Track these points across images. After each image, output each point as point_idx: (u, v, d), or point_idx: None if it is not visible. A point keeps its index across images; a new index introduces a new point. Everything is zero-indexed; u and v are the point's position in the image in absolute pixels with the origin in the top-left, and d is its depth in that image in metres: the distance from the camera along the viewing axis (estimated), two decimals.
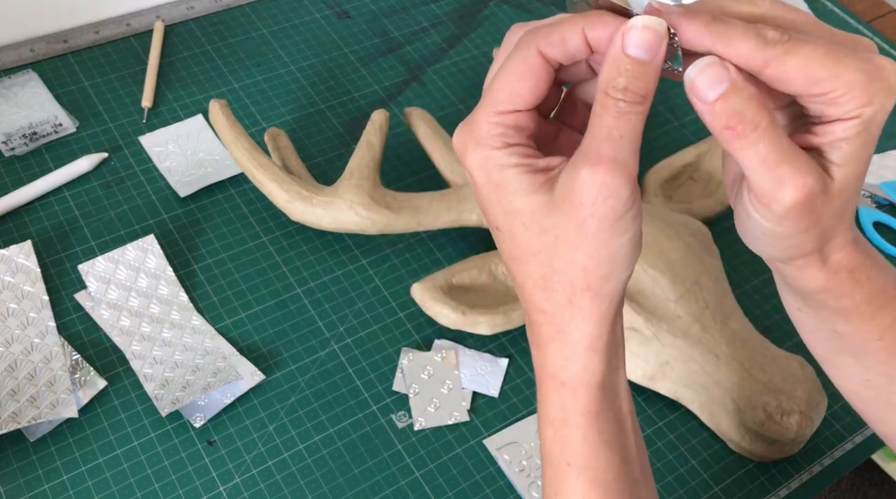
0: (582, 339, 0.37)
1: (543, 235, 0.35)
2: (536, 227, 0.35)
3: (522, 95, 0.35)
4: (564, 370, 0.37)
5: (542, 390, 0.39)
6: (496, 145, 0.36)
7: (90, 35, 0.81)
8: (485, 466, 0.59)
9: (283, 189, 0.64)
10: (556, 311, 0.37)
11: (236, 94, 0.79)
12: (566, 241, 0.35)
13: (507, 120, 0.36)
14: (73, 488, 0.55)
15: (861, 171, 0.36)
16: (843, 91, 0.33)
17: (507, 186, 0.35)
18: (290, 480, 0.57)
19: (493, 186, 0.36)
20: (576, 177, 0.34)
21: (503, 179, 0.36)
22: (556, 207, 0.35)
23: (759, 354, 0.59)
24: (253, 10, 0.87)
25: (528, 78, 0.35)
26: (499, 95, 0.35)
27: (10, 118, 0.73)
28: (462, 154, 0.37)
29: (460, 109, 0.80)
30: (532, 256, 0.36)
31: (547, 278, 0.36)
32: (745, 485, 0.60)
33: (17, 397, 0.56)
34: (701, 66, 0.33)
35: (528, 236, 0.36)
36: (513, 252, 0.37)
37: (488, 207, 0.37)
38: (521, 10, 0.91)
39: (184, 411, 0.58)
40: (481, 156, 0.36)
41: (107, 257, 0.64)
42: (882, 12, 1.03)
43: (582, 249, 0.35)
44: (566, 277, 0.36)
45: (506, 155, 0.36)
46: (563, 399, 0.38)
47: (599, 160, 0.33)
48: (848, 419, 0.64)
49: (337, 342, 0.64)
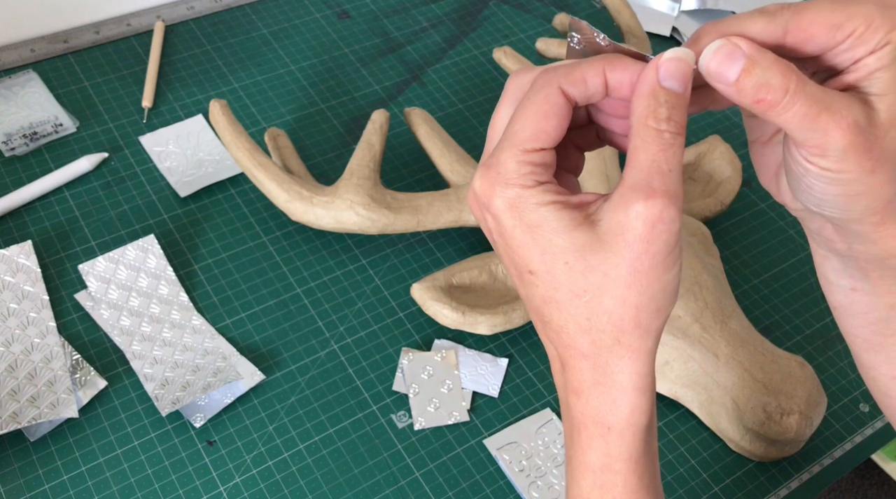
0: (629, 379, 0.35)
1: (590, 274, 0.34)
2: (581, 264, 0.34)
3: (548, 133, 0.35)
4: (612, 414, 0.36)
5: (580, 437, 0.37)
6: (527, 184, 0.35)
7: (90, 35, 0.81)
8: (485, 466, 0.59)
9: (283, 189, 0.65)
10: (600, 352, 0.35)
11: (236, 94, 0.79)
12: (617, 278, 0.33)
13: (535, 158, 0.35)
14: (73, 488, 0.55)
15: None
16: (866, 24, 0.34)
17: (545, 224, 0.34)
18: (290, 480, 0.57)
19: (526, 227, 0.34)
20: (627, 212, 0.33)
21: (540, 218, 0.34)
22: (605, 244, 0.33)
23: (759, 354, 0.59)
24: (253, 10, 0.87)
25: (552, 116, 0.35)
26: (524, 134, 0.35)
27: (11, 118, 0.73)
28: (488, 198, 0.35)
29: (460, 109, 0.80)
30: (576, 297, 0.35)
31: (593, 319, 0.35)
32: (745, 485, 0.60)
33: (18, 397, 0.56)
34: (713, 50, 0.34)
35: (572, 275, 0.34)
36: (552, 295, 0.35)
37: (521, 250, 0.35)
38: (520, 10, 0.91)
39: (184, 411, 0.58)
40: (512, 196, 0.35)
41: (107, 257, 0.64)
42: None
43: (634, 286, 0.34)
44: (616, 316, 0.34)
45: (539, 193, 0.34)
46: (607, 445, 0.36)
47: (653, 193, 0.33)
48: (848, 419, 0.64)
49: (337, 342, 0.64)
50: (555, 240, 0.34)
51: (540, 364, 0.64)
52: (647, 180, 0.33)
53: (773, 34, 0.35)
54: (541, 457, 0.58)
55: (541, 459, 0.58)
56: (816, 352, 0.67)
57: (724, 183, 0.72)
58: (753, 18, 0.35)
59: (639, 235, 0.33)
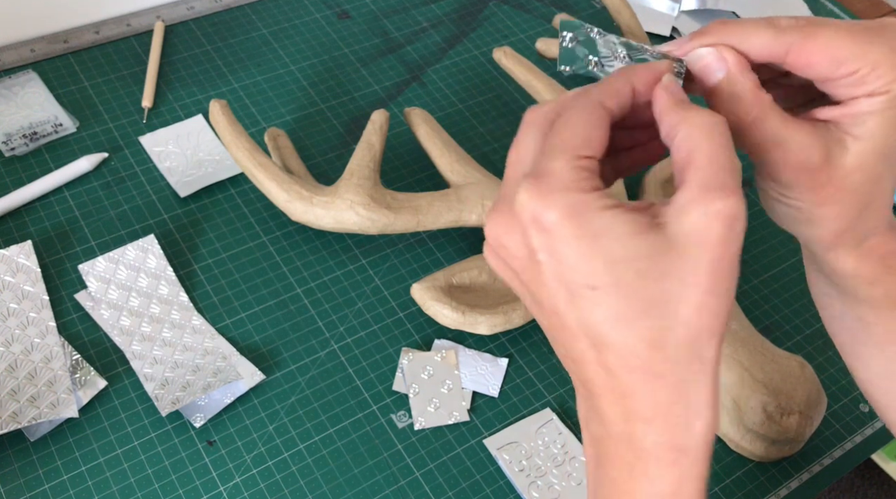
0: (702, 395, 0.32)
1: (664, 281, 0.31)
2: (655, 272, 0.31)
3: (599, 141, 0.33)
4: (687, 437, 0.32)
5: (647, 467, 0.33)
6: (587, 188, 0.32)
7: (90, 35, 0.81)
8: (485, 466, 0.59)
9: (283, 189, 0.65)
10: (676, 370, 0.32)
11: (236, 94, 0.79)
12: (696, 284, 0.31)
13: (589, 165, 0.33)
14: (73, 488, 0.55)
15: (886, 148, 0.35)
16: (870, 69, 0.33)
17: (612, 230, 0.31)
18: (290, 480, 0.57)
19: (590, 236, 0.31)
20: (705, 212, 0.31)
21: (604, 224, 0.31)
22: (679, 247, 0.31)
23: (759, 354, 0.59)
24: (253, 10, 0.87)
25: (599, 126, 0.33)
26: (576, 140, 0.33)
27: (10, 118, 0.73)
28: (539, 210, 0.32)
29: (460, 109, 0.80)
30: (649, 309, 0.31)
31: (668, 333, 0.31)
32: (745, 485, 0.60)
33: (18, 396, 0.56)
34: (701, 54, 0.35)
35: (645, 285, 0.31)
36: (619, 311, 0.31)
37: (581, 264, 0.31)
38: (520, 10, 0.91)
39: (184, 410, 0.58)
40: (572, 201, 0.31)
41: (107, 257, 0.64)
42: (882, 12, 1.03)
43: (714, 292, 0.31)
44: (694, 327, 0.31)
45: (600, 197, 0.32)
46: (681, 470, 0.33)
47: (729, 192, 0.31)
48: (848, 419, 0.64)
49: (337, 342, 0.64)
50: (623, 247, 0.31)
51: (540, 364, 0.64)
52: (719, 179, 0.31)
53: (774, 51, 0.34)
54: (541, 457, 0.58)
55: (541, 459, 0.58)
56: (816, 352, 0.67)
57: None
58: (761, 30, 0.34)
59: (719, 237, 0.31)
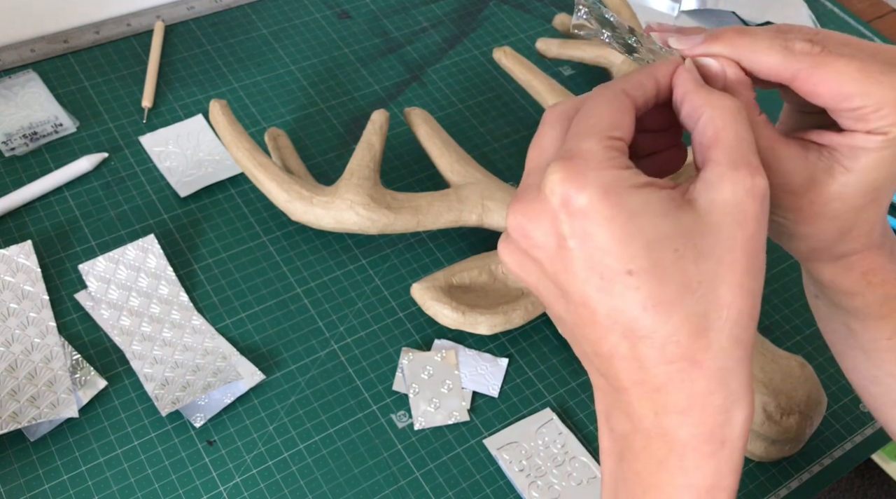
0: (742, 384, 0.31)
1: (702, 262, 0.30)
2: (692, 251, 0.30)
3: (627, 125, 0.33)
4: (726, 428, 0.31)
5: (683, 460, 0.32)
6: (622, 165, 0.31)
7: (90, 35, 0.81)
8: (485, 466, 0.59)
9: (283, 189, 0.65)
10: (717, 357, 0.30)
11: (236, 94, 0.79)
12: (733, 263, 0.30)
13: (619, 145, 0.32)
14: (73, 488, 0.55)
15: (877, 183, 0.35)
16: (874, 108, 0.33)
17: (649, 207, 0.30)
18: (290, 480, 0.57)
19: (627, 216, 0.30)
20: (735, 189, 0.30)
21: (642, 202, 0.30)
22: (713, 226, 0.30)
23: (759, 354, 0.59)
24: (253, 10, 0.87)
25: (625, 111, 0.33)
26: (604, 123, 0.32)
27: (10, 118, 0.73)
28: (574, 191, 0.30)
29: (460, 109, 0.80)
30: (689, 292, 0.30)
31: (710, 316, 0.30)
32: (745, 485, 0.60)
33: (17, 396, 0.56)
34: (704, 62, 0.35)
35: (684, 265, 0.30)
36: (658, 295, 0.30)
37: (618, 247, 0.30)
38: (520, 10, 0.91)
39: (184, 410, 0.58)
40: (608, 179, 0.30)
41: (107, 257, 0.64)
42: (882, 12, 1.03)
43: (751, 271, 0.30)
44: (735, 309, 0.30)
45: (634, 175, 0.31)
46: (718, 463, 0.32)
47: (757, 169, 0.31)
48: (848, 419, 0.64)
49: (337, 342, 0.64)
50: (661, 226, 0.30)
51: (540, 364, 0.64)
52: (745, 156, 0.31)
53: (781, 74, 0.34)
54: (541, 457, 0.58)
55: (541, 459, 0.58)
56: (816, 352, 0.67)
57: None
58: (773, 52, 0.34)
59: (752, 213, 0.30)
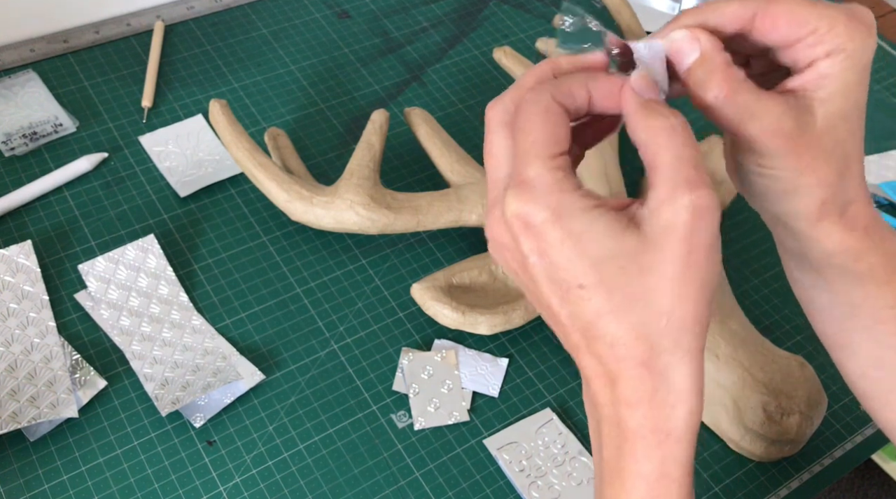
0: (686, 381, 0.34)
1: (646, 276, 0.33)
2: (636, 268, 0.33)
3: (563, 136, 0.35)
4: (671, 421, 0.35)
5: (634, 448, 0.35)
6: (568, 188, 0.34)
7: (90, 35, 0.81)
8: (485, 466, 0.59)
9: (283, 189, 0.65)
10: (660, 357, 0.34)
11: (236, 94, 0.79)
12: (674, 276, 0.33)
13: (562, 163, 0.34)
14: (73, 488, 0.55)
15: (850, 111, 0.37)
16: (828, 27, 0.35)
17: (595, 228, 0.33)
18: (290, 480, 0.57)
19: (576, 237, 0.33)
20: (674, 208, 0.33)
21: (588, 223, 0.33)
22: (656, 244, 0.33)
23: (759, 354, 0.59)
24: (253, 10, 0.87)
25: (559, 122, 0.35)
26: (542, 142, 0.34)
27: (10, 118, 0.73)
28: (528, 216, 0.34)
29: (460, 109, 0.80)
30: (634, 303, 0.33)
31: (652, 323, 0.34)
32: (745, 485, 0.60)
33: (17, 396, 0.56)
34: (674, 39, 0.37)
35: (628, 281, 0.33)
36: (608, 306, 0.34)
37: (570, 264, 0.34)
38: (520, 9, 0.91)
39: (184, 410, 0.58)
40: (555, 204, 0.33)
41: (107, 257, 0.64)
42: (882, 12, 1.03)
43: (692, 281, 0.33)
44: (676, 316, 0.33)
45: (581, 197, 0.34)
46: (664, 453, 0.35)
47: (695, 185, 0.33)
48: (848, 419, 0.64)
49: (337, 342, 0.64)
50: (607, 244, 0.33)
51: (540, 364, 0.64)
52: (683, 175, 0.33)
53: (742, 17, 0.36)
54: (541, 457, 0.58)
55: (541, 459, 0.58)
56: (816, 352, 0.67)
57: (724, 183, 0.72)
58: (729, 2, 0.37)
59: (690, 229, 0.33)
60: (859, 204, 0.40)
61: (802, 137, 0.36)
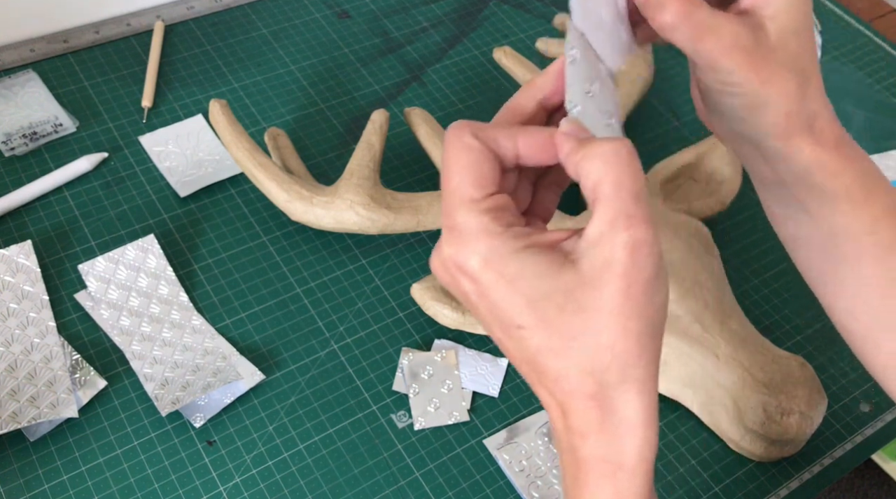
0: (638, 414, 0.34)
1: (586, 312, 0.33)
2: (574, 305, 0.33)
3: (488, 176, 0.35)
4: (622, 453, 0.34)
5: (587, 478, 0.35)
6: (496, 232, 0.34)
7: (90, 35, 0.81)
8: (485, 466, 0.59)
9: (283, 189, 0.65)
10: (607, 391, 0.34)
11: (236, 94, 0.79)
12: (613, 311, 0.33)
13: (490, 204, 0.34)
14: (73, 488, 0.55)
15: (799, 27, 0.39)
16: None
17: (527, 270, 0.33)
18: (290, 480, 0.57)
19: (508, 280, 0.33)
20: (612, 245, 0.32)
21: (520, 266, 0.33)
22: (593, 280, 0.33)
23: (759, 354, 0.59)
24: (253, 10, 0.87)
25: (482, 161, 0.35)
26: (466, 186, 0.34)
27: (10, 118, 0.73)
28: (461, 261, 0.34)
29: (460, 109, 0.80)
30: (574, 340, 0.33)
31: (595, 358, 0.33)
32: (745, 485, 0.60)
33: (17, 396, 0.56)
34: None
35: (566, 318, 0.33)
36: (549, 344, 0.34)
37: (506, 305, 0.34)
38: (520, 9, 0.91)
39: (184, 410, 0.58)
40: (485, 250, 0.33)
41: (107, 257, 0.64)
42: (882, 12, 1.03)
43: (632, 315, 0.33)
44: (619, 349, 0.33)
45: (511, 239, 0.34)
46: (617, 484, 0.34)
47: (635, 220, 0.33)
48: (848, 419, 0.64)
49: (337, 342, 0.64)
50: (541, 285, 0.33)
51: None
52: (623, 209, 0.33)
53: None
54: (541, 457, 0.58)
55: (541, 459, 0.58)
56: (816, 352, 0.67)
57: (724, 183, 0.72)
58: None
59: (627, 265, 0.32)
60: (824, 119, 0.41)
61: (758, 50, 0.38)
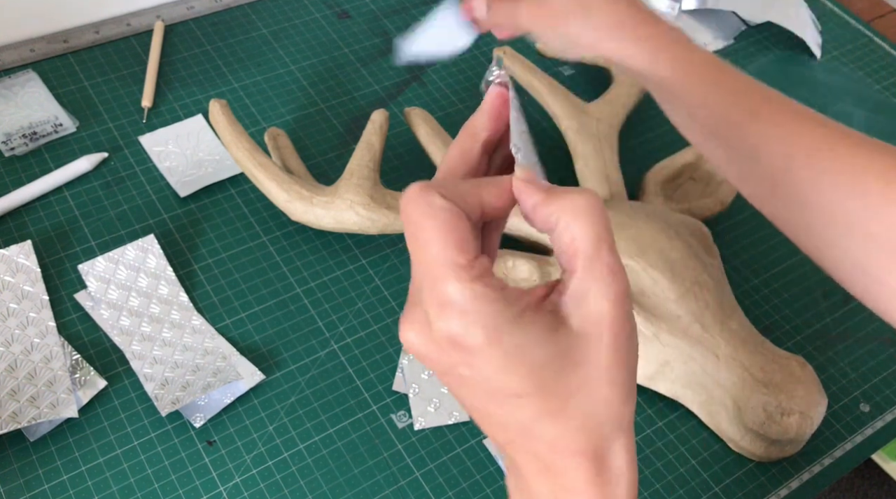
0: (624, 457, 0.34)
1: (580, 369, 0.32)
2: (570, 364, 0.32)
3: (469, 238, 0.32)
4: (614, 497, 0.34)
5: None
6: (493, 298, 0.31)
7: (90, 35, 0.81)
8: (485, 466, 0.59)
9: (283, 189, 0.65)
10: (601, 443, 0.33)
11: (236, 94, 0.79)
12: (604, 365, 0.32)
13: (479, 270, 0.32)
14: (72, 488, 0.55)
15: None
16: None
17: (527, 339, 0.32)
18: (290, 480, 0.57)
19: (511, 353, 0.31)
20: (599, 298, 0.32)
21: (522, 335, 0.32)
22: (587, 336, 0.32)
23: (759, 354, 0.59)
24: (253, 10, 0.87)
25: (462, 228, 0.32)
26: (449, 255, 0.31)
27: (10, 118, 0.73)
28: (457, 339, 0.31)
29: (460, 109, 0.80)
30: (572, 398, 0.32)
31: (592, 413, 0.32)
32: (745, 485, 0.60)
33: (17, 396, 0.56)
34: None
35: (564, 380, 0.32)
36: (547, 408, 0.32)
37: (504, 377, 0.32)
38: None
39: (184, 411, 0.58)
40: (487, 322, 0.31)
41: (107, 257, 0.64)
42: (882, 12, 1.03)
43: (621, 366, 0.33)
44: (614, 401, 0.33)
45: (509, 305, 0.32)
46: None
47: (614, 271, 0.32)
48: (848, 419, 0.64)
49: (337, 342, 0.64)
50: (542, 352, 0.32)
51: None
52: (604, 262, 0.32)
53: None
54: None
55: None
56: (816, 352, 0.67)
57: (724, 183, 0.72)
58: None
59: (615, 317, 0.32)
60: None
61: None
